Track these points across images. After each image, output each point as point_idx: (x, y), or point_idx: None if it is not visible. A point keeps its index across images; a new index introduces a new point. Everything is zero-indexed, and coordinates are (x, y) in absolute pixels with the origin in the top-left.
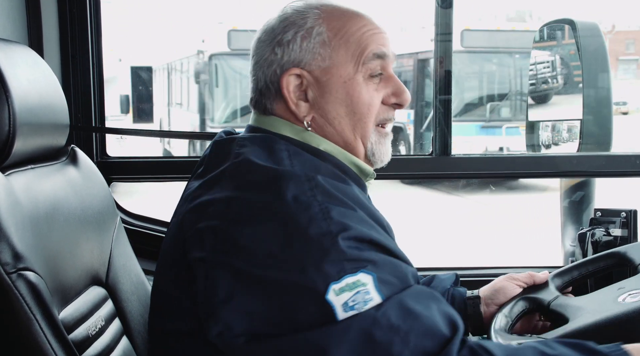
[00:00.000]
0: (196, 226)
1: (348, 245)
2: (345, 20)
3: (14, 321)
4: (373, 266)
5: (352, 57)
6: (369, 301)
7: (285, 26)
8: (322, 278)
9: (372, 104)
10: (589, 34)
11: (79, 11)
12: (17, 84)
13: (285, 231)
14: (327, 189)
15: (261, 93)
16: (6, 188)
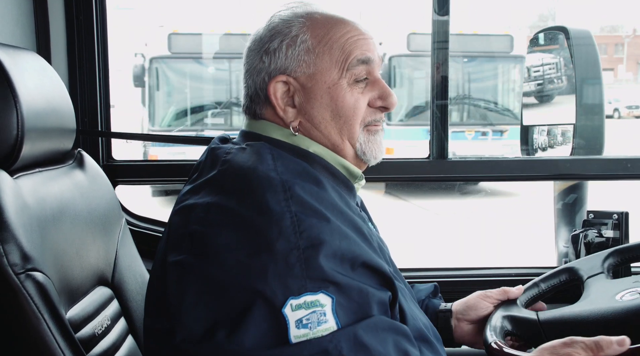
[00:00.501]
0: (179, 229)
1: (314, 263)
2: (328, 28)
3: (22, 321)
4: (335, 289)
5: (337, 64)
6: (323, 323)
7: (272, 35)
8: (282, 291)
9: (357, 107)
10: (582, 42)
11: (85, 18)
12: (25, 90)
13: (255, 241)
14: (303, 198)
15: (251, 99)
16: (14, 191)
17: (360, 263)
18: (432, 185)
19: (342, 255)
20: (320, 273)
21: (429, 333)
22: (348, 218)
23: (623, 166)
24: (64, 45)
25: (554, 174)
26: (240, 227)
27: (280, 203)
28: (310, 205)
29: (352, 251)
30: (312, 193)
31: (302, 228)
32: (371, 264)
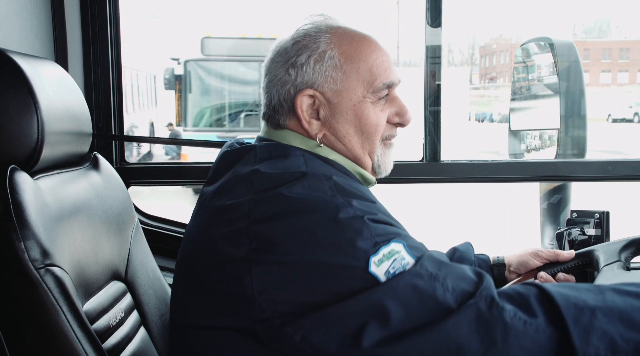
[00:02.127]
0: (221, 229)
1: (375, 224)
2: (355, 46)
3: (42, 312)
4: (401, 237)
5: (363, 83)
6: (407, 265)
7: (299, 49)
8: (360, 254)
9: (379, 124)
10: (566, 52)
11: (100, 29)
12: (44, 97)
13: (317, 220)
14: (345, 187)
15: (274, 110)
16: (35, 191)
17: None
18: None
19: (390, 223)
20: (382, 229)
21: None
22: (381, 207)
23: (604, 169)
24: (80, 54)
25: (540, 175)
26: (295, 213)
27: (325, 189)
28: (353, 192)
29: (397, 224)
30: (350, 184)
31: (352, 204)
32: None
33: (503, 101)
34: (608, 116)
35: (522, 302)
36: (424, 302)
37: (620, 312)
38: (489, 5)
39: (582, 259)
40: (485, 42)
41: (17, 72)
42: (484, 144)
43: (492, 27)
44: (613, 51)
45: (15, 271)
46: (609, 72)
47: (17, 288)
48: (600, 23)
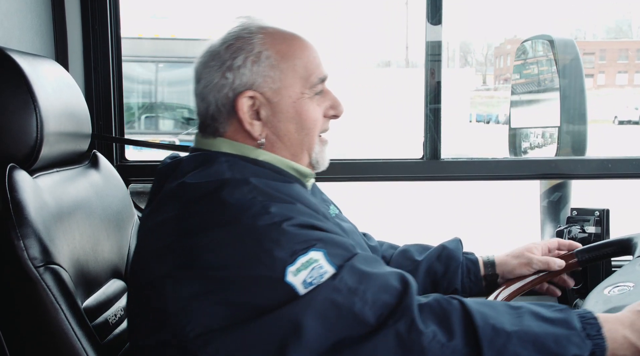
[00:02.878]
0: (152, 247)
1: (293, 231)
2: (289, 44)
3: (41, 310)
4: (321, 244)
5: (300, 80)
6: (325, 274)
7: (234, 52)
8: (277, 264)
9: (317, 119)
10: (566, 50)
11: (100, 27)
12: (44, 95)
13: (235, 232)
14: (265, 189)
15: (213, 117)
16: (34, 189)
17: (329, 232)
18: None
19: (312, 225)
20: (302, 237)
21: None
22: (311, 204)
23: (604, 166)
24: (81, 52)
25: (541, 173)
26: (216, 226)
27: (245, 195)
28: (273, 194)
29: (320, 224)
30: (272, 186)
31: (271, 209)
32: (335, 232)
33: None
34: (614, 118)
35: (443, 319)
36: (342, 318)
37: (535, 337)
38: (504, 5)
39: (620, 246)
40: (500, 43)
41: (16, 71)
42: (479, 147)
43: (506, 28)
44: (631, 52)
45: (14, 270)
46: (626, 73)
47: (16, 286)
48: (622, 23)
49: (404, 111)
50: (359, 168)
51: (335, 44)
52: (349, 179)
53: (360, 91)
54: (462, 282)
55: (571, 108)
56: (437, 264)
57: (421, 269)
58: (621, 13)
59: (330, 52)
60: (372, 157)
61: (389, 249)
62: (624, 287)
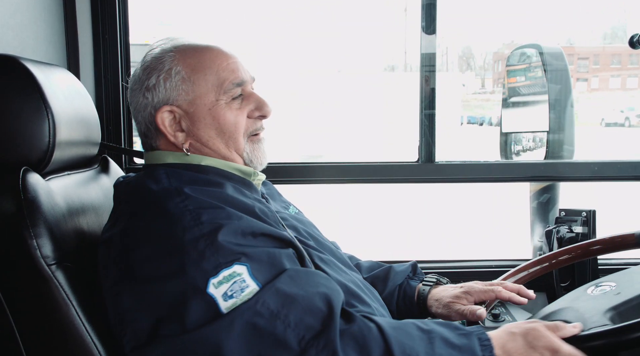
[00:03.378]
0: (104, 260)
1: (220, 243)
2: (198, 56)
3: (53, 307)
4: (246, 258)
5: (213, 87)
6: (246, 289)
7: (149, 73)
8: (201, 275)
9: (238, 121)
10: (554, 58)
11: (110, 37)
12: (56, 102)
13: (166, 245)
14: (197, 197)
15: (145, 135)
16: (46, 191)
17: (260, 233)
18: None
19: (242, 231)
20: (228, 249)
21: (359, 287)
22: (241, 205)
23: (591, 169)
24: (92, 61)
25: (531, 176)
26: (152, 238)
27: (178, 205)
28: (204, 200)
29: (249, 227)
30: (204, 192)
31: (201, 220)
32: (269, 232)
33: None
34: (601, 120)
35: (363, 347)
36: (265, 342)
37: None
38: (502, 12)
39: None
40: (498, 48)
41: (30, 79)
42: (467, 149)
43: (504, 33)
44: (623, 57)
45: (27, 268)
46: (619, 77)
47: (29, 284)
48: (617, 29)
49: (401, 113)
50: (355, 171)
51: (342, 49)
52: (345, 182)
53: (366, 94)
54: (397, 304)
55: (559, 114)
56: (378, 284)
57: None
58: (617, 19)
59: (337, 56)
60: (368, 160)
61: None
62: (605, 287)
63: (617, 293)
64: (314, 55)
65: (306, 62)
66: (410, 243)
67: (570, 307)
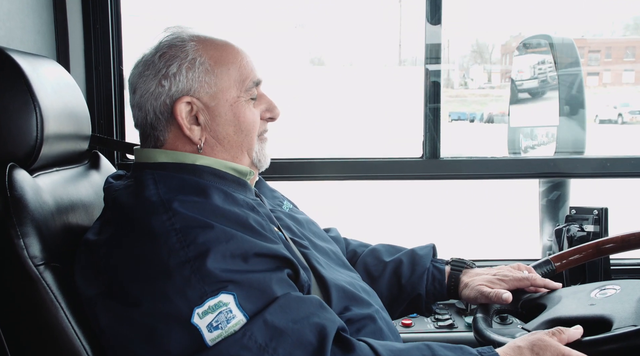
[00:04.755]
0: (87, 265)
1: (207, 269)
2: (221, 50)
3: (41, 308)
4: (234, 286)
5: (235, 83)
6: (232, 319)
7: (167, 60)
8: (186, 303)
9: (255, 121)
10: (565, 50)
11: (101, 26)
12: (44, 95)
13: (151, 267)
14: (184, 214)
15: (152, 126)
16: (34, 188)
17: (253, 254)
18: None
19: (231, 253)
20: (214, 277)
21: (356, 288)
22: (233, 218)
23: (603, 165)
24: (82, 52)
25: (540, 172)
26: (136, 258)
27: (164, 223)
28: (192, 218)
29: (240, 248)
30: (193, 205)
31: (188, 241)
32: (262, 252)
33: (505, 100)
34: (595, 117)
35: None
36: None
37: None
38: (510, 3)
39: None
40: (506, 41)
41: (17, 71)
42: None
43: (512, 25)
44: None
45: (14, 268)
46: (632, 71)
47: (16, 284)
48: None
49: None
50: (358, 167)
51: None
52: (347, 178)
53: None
54: (427, 288)
55: (570, 107)
56: (403, 268)
57: (388, 270)
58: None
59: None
60: (371, 156)
61: (359, 246)
62: (608, 290)
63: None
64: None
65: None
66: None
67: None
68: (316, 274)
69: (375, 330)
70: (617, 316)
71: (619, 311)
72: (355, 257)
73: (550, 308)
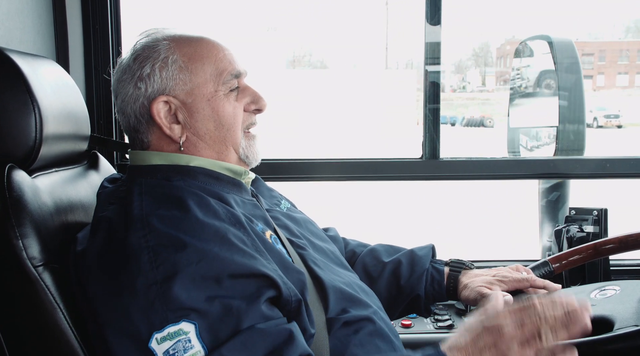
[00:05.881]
0: (76, 269)
1: (173, 294)
2: (195, 46)
3: (40, 310)
4: (197, 315)
5: (211, 77)
6: (189, 350)
7: (141, 62)
8: (146, 326)
9: (236, 114)
10: (565, 50)
11: (101, 27)
12: (43, 95)
13: (120, 282)
14: (161, 231)
15: (135, 129)
16: (33, 189)
17: (227, 276)
18: None
19: (202, 277)
20: (179, 303)
21: (354, 289)
22: (211, 232)
23: (602, 166)
24: (82, 52)
25: (539, 173)
26: (108, 270)
27: (140, 239)
28: (168, 235)
29: (212, 269)
30: (172, 221)
31: (158, 262)
32: (238, 272)
33: (493, 104)
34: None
35: None
36: None
37: None
38: (504, 6)
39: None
40: (501, 44)
41: (16, 71)
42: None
43: (506, 28)
44: (631, 52)
45: (13, 270)
46: (627, 74)
47: (15, 286)
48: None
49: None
50: (357, 167)
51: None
52: (346, 179)
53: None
54: (426, 288)
55: (569, 108)
56: (403, 268)
57: (387, 271)
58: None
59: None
60: (371, 156)
61: (358, 246)
62: (608, 291)
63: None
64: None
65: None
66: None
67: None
68: (313, 276)
69: (373, 330)
70: (619, 316)
71: (620, 311)
72: (354, 257)
73: None
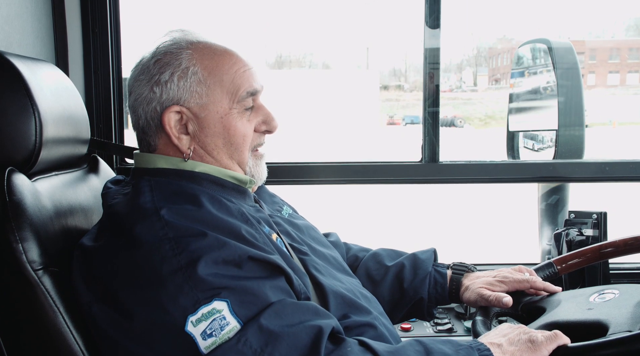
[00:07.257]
0: (84, 270)
1: (200, 276)
2: (217, 60)
3: (40, 313)
4: (227, 292)
5: (227, 95)
6: (226, 326)
7: (161, 67)
8: (179, 311)
9: (247, 134)
10: (564, 54)
11: (100, 30)
12: (43, 99)
13: (143, 276)
14: (177, 223)
15: (143, 131)
16: (33, 193)
17: (246, 259)
18: None
19: (224, 260)
20: (207, 284)
21: (355, 295)
22: (226, 227)
23: (602, 169)
24: (81, 56)
25: (539, 176)
26: (128, 266)
27: (158, 232)
28: (185, 226)
29: (233, 253)
30: (186, 214)
31: (180, 249)
32: (256, 257)
33: (475, 103)
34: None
35: None
36: None
37: None
38: (496, 6)
39: None
40: (493, 43)
41: (15, 75)
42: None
43: (497, 28)
44: (622, 51)
45: (13, 273)
46: (617, 73)
47: (15, 289)
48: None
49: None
50: (356, 171)
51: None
52: (345, 182)
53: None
54: (429, 291)
55: (569, 112)
56: (405, 272)
57: (390, 274)
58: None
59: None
60: (372, 160)
61: (360, 251)
62: (606, 295)
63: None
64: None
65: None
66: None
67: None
68: (314, 282)
69: (375, 336)
70: (613, 321)
71: (615, 316)
72: (357, 262)
73: (549, 311)
